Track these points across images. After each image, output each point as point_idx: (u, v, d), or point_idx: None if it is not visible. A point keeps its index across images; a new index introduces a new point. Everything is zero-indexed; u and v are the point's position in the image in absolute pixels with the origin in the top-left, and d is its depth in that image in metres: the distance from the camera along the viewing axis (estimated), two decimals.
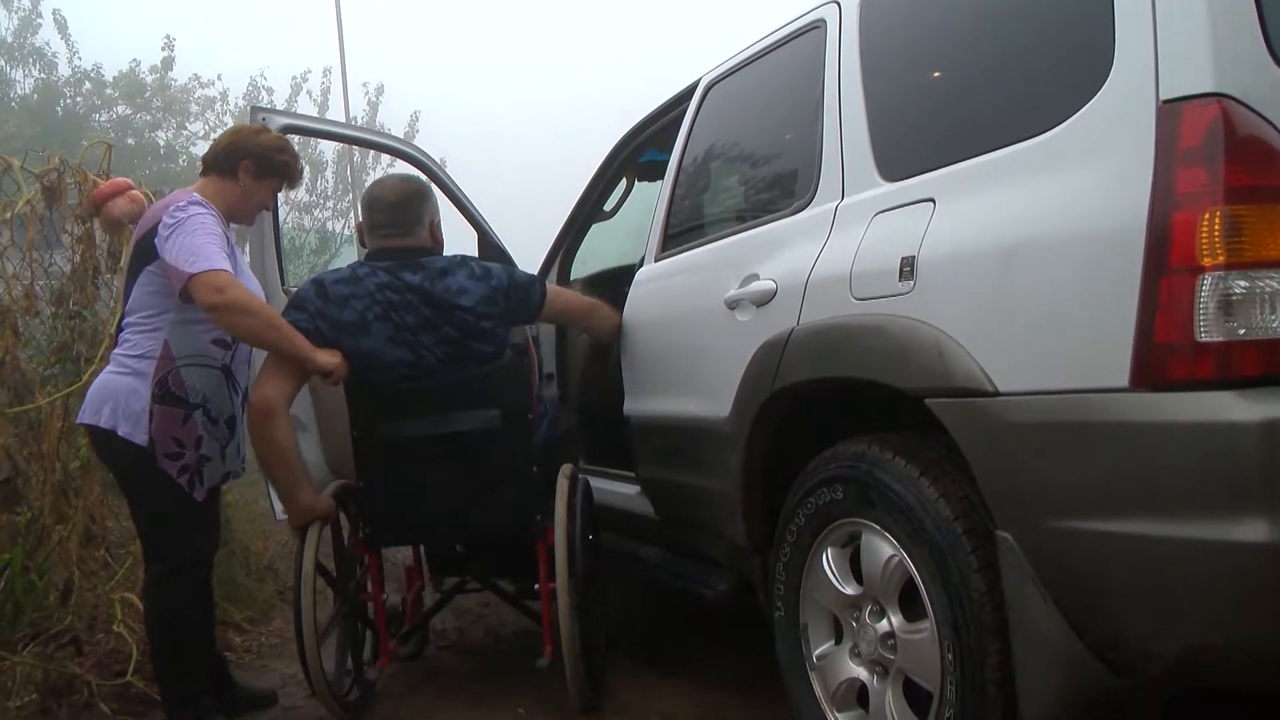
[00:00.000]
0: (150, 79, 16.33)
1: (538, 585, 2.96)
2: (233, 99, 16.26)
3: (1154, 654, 1.61)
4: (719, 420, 2.56)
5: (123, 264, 3.45)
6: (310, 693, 2.82)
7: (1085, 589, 1.67)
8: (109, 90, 16.36)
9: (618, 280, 3.74)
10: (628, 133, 3.76)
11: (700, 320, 2.76)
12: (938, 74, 2.23)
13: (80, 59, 16.05)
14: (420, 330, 2.87)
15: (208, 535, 2.89)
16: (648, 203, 3.50)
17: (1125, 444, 1.58)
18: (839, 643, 2.22)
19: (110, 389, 2.70)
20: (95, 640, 3.27)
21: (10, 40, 15.95)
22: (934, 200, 1.99)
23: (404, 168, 4.30)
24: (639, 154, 3.84)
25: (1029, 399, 1.71)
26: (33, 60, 16.05)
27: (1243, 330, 1.50)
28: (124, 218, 3.22)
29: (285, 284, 3.56)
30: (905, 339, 1.92)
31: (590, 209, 4.07)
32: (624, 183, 4.05)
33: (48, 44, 15.97)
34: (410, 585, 3.44)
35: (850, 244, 2.17)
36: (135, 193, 3.26)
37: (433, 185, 4.10)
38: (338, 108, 15.43)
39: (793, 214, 2.47)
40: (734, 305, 2.55)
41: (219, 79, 16.76)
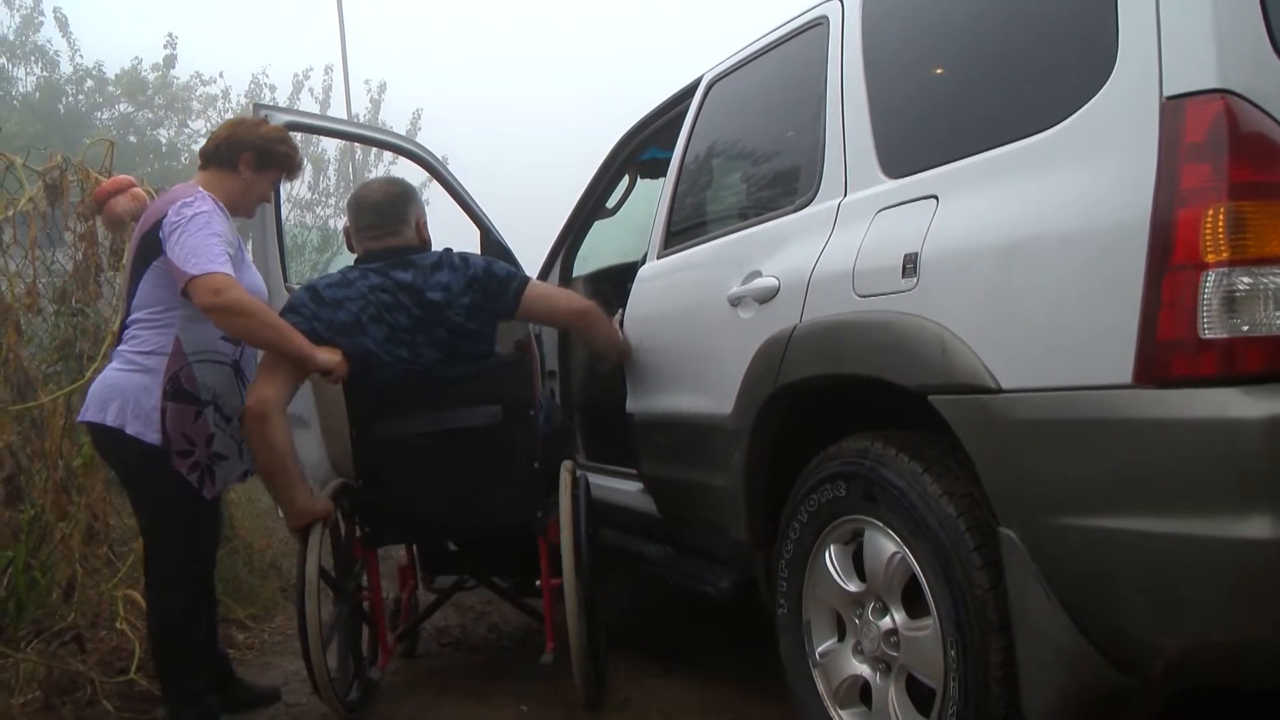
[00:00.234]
0: (152, 77, 16.34)
1: (538, 582, 2.96)
2: (235, 97, 16.27)
3: (1157, 651, 1.62)
4: (721, 417, 2.56)
5: (125, 261, 3.46)
6: (313, 690, 2.82)
7: (1089, 586, 1.66)
8: (111, 88, 16.37)
9: (620, 278, 3.74)
10: (630, 130, 3.75)
11: (703, 317, 2.76)
12: (940, 70, 2.23)
13: (82, 57, 16.09)
14: (414, 330, 2.87)
15: (211, 534, 2.89)
16: (650, 200, 3.49)
17: (1128, 441, 1.58)
18: (842, 640, 2.21)
19: (118, 386, 2.66)
20: (98, 637, 3.27)
21: (12, 38, 15.97)
22: (937, 197, 1.98)
23: (406, 165, 4.31)
24: (641, 151, 3.83)
25: (1032, 396, 1.71)
26: (35, 58, 16.06)
27: (1246, 327, 1.50)
28: (126, 215, 3.22)
29: (288, 281, 3.56)
30: (908, 336, 1.92)
31: (592, 206, 4.07)
32: (626, 180, 4.05)
33: (49, 42, 16.01)
34: (404, 584, 3.43)
35: (853, 241, 2.17)
36: (137, 190, 3.26)
37: (435, 182, 4.13)
38: (339, 105, 15.46)
39: (795, 211, 2.47)
40: (737, 302, 2.55)
41: (221, 76, 16.77)
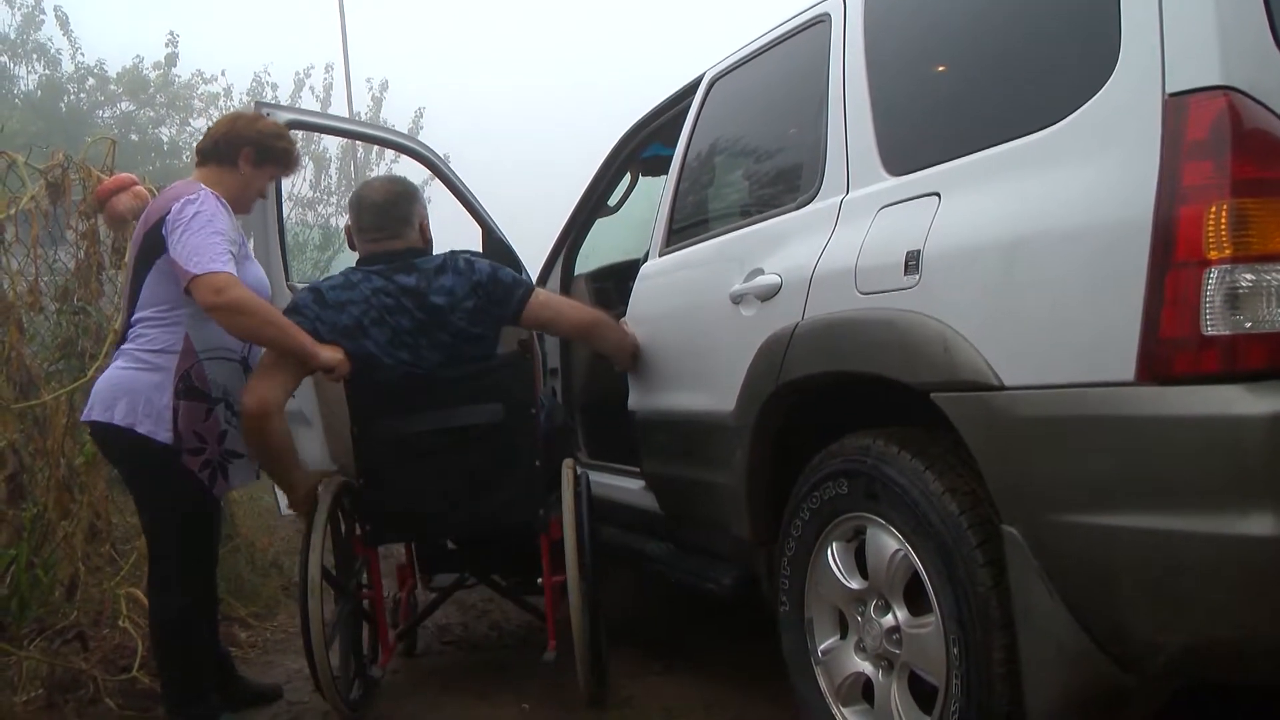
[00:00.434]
0: (154, 75, 16.37)
1: (539, 580, 2.95)
2: (236, 95, 16.29)
3: (1160, 648, 1.61)
4: (724, 415, 2.56)
5: (127, 260, 3.46)
6: (315, 688, 2.82)
7: (1091, 583, 1.66)
8: (113, 86, 16.39)
9: (622, 276, 3.74)
10: (631, 128, 3.75)
11: (705, 315, 2.76)
12: (942, 68, 2.23)
13: (84, 55, 16.12)
14: (417, 333, 2.86)
15: (214, 533, 2.89)
16: (652, 198, 3.49)
17: (1131, 438, 1.58)
18: (844, 637, 2.21)
19: (126, 385, 2.64)
20: (101, 635, 3.27)
21: (14, 36, 15.98)
22: (939, 194, 1.98)
23: (408, 163, 4.30)
24: (643, 149, 3.83)
25: (1034, 393, 1.71)
26: (36, 56, 16.10)
27: (1249, 324, 1.50)
28: (128, 213, 3.22)
29: (290, 279, 3.56)
30: (910, 333, 1.92)
31: (594, 204, 4.06)
32: (628, 178, 4.04)
33: (50, 40, 16.03)
34: (403, 583, 3.43)
35: (855, 238, 2.17)
36: (139, 188, 3.26)
37: (437, 181, 4.12)
38: (341, 103, 15.46)
39: (797, 208, 2.47)
40: (739, 300, 2.55)
41: (222, 75, 16.79)
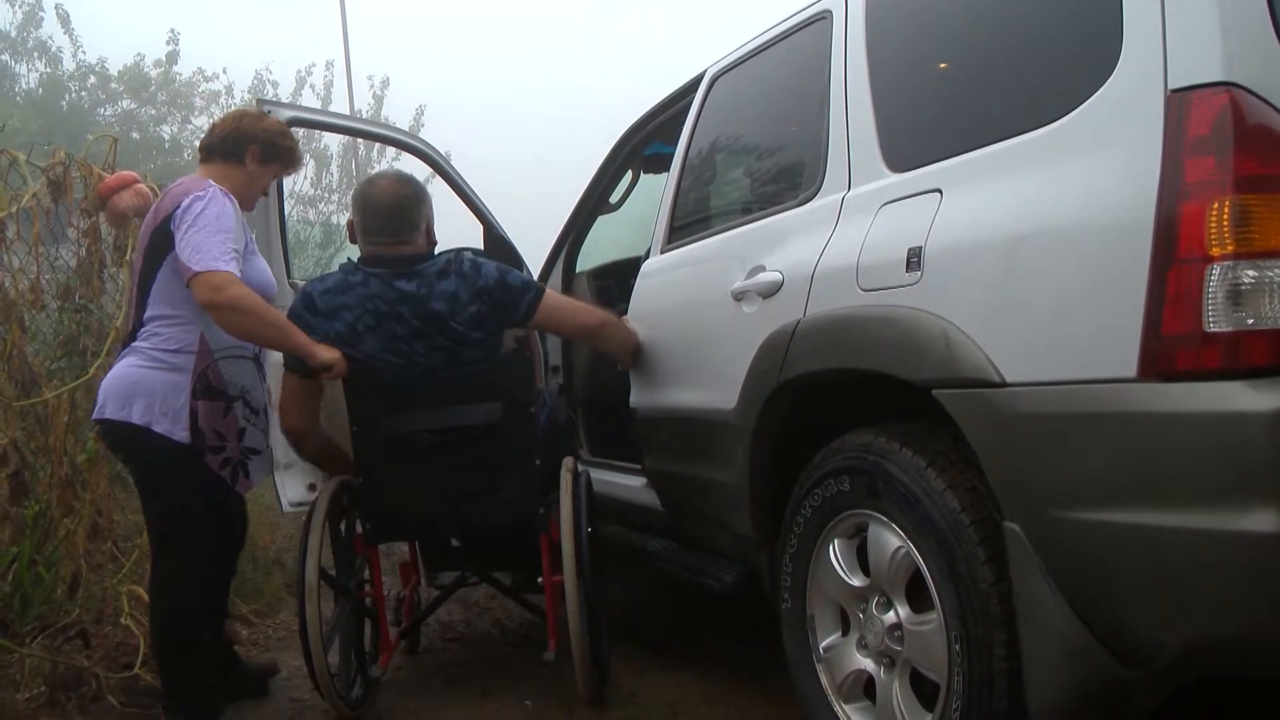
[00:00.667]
0: (155, 73, 16.32)
1: (540, 579, 2.95)
2: (238, 93, 16.25)
3: (1161, 644, 1.62)
4: (725, 412, 2.56)
5: (129, 257, 3.46)
6: (315, 688, 2.82)
7: (1093, 579, 1.66)
8: (114, 84, 16.35)
9: (623, 273, 3.73)
10: (632, 125, 3.75)
11: (706, 312, 2.76)
12: (944, 64, 2.23)
13: (85, 53, 16.07)
14: (412, 339, 2.85)
15: (232, 534, 2.92)
16: (653, 195, 3.49)
17: (1133, 434, 1.58)
18: (846, 634, 2.22)
19: (144, 384, 2.62)
20: (103, 633, 3.27)
21: (14, 35, 15.97)
22: (941, 191, 1.98)
23: (409, 161, 4.30)
24: (644, 146, 3.83)
25: (1036, 390, 1.71)
26: (37, 54, 16.06)
27: (1251, 320, 1.49)
28: (129, 211, 3.22)
29: (291, 277, 3.56)
30: (912, 330, 1.92)
31: (595, 202, 4.06)
32: (629, 175, 4.04)
33: (51, 38, 16.01)
34: (406, 581, 3.43)
35: (857, 235, 2.17)
36: (141, 186, 3.27)
37: (438, 178, 4.12)
38: (342, 101, 15.43)
39: (799, 205, 2.47)
40: (740, 297, 2.55)
41: (224, 72, 16.73)
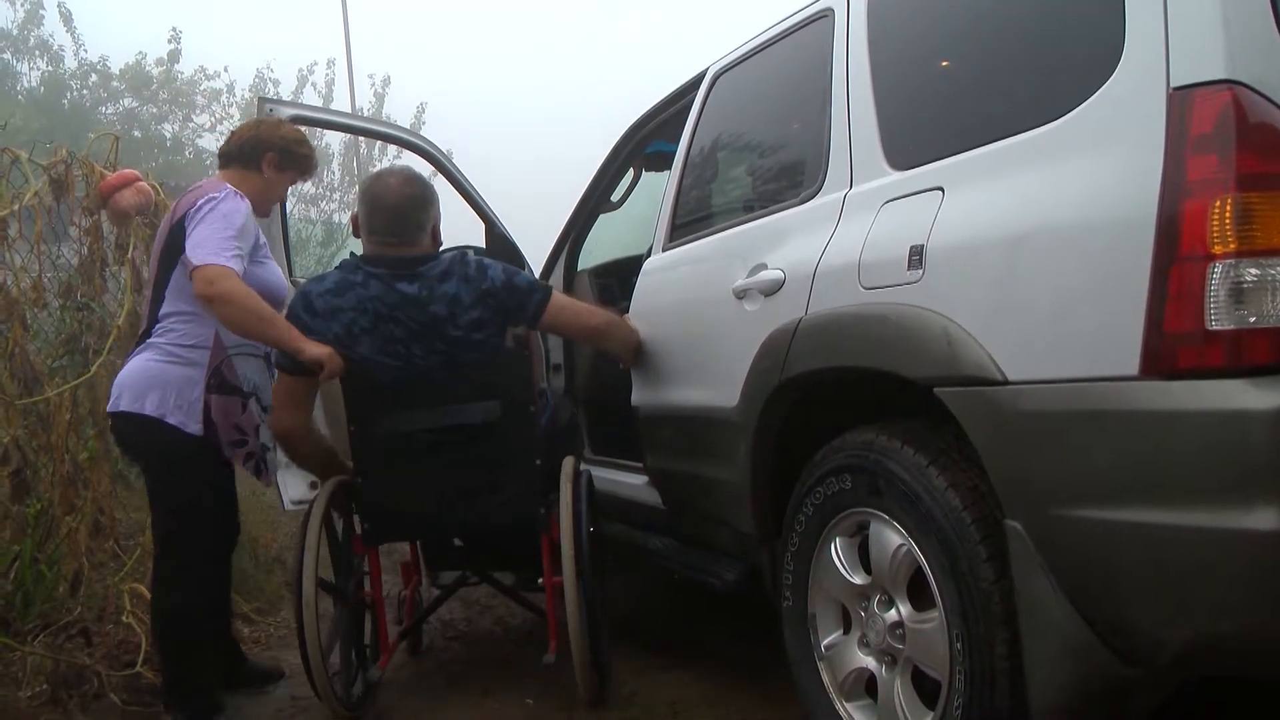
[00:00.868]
0: (156, 71, 16.34)
1: (540, 579, 2.95)
2: (239, 91, 16.27)
3: (1163, 642, 1.61)
4: (727, 410, 2.56)
5: (130, 255, 3.46)
6: (313, 690, 2.82)
7: (1094, 578, 1.66)
8: (115, 83, 16.38)
9: (625, 271, 3.73)
10: (634, 123, 3.74)
11: (708, 310, 2.75)
12: (946, 62, 2.22)
13: (86, 51, 16.09)
14: (410, 341, 2.84)
15: (230, 529, 2.92)
16: (655, 193, 3.49)
17: (1135, 433, 1.58)
18: (847, 632, 2.21)
19: (160, 378, 2.68)
20: (105, 631, 3.28)
21: (16, 33, 15.97)
22: (942, 189, 1.98)
23: (411, 159, 4.30)
24: (646, 144, 3.83)
25: (1038, 388, 1.71)
26: (39, 53, 16.08)
27: (1253, 318, 1.49)
28: (131, 209, 3.23)
29: (292, 275, 3.57)
30: (914, 328, 1.92)
31: (597, 199, 4.06)
32: (631, 173, 4.04)
33: (53, 37, 16.02)
34: (408, 581, 3.42)
35: (858, 233, 2.17)
36: (142, 184, 3.28)
37: (440, 176, 4.12)
38: (343, 99, 15.43)
39: (801, 203, 2.47)
40: (742, 295, 2.55)
41: (225, 71, 16.74)
